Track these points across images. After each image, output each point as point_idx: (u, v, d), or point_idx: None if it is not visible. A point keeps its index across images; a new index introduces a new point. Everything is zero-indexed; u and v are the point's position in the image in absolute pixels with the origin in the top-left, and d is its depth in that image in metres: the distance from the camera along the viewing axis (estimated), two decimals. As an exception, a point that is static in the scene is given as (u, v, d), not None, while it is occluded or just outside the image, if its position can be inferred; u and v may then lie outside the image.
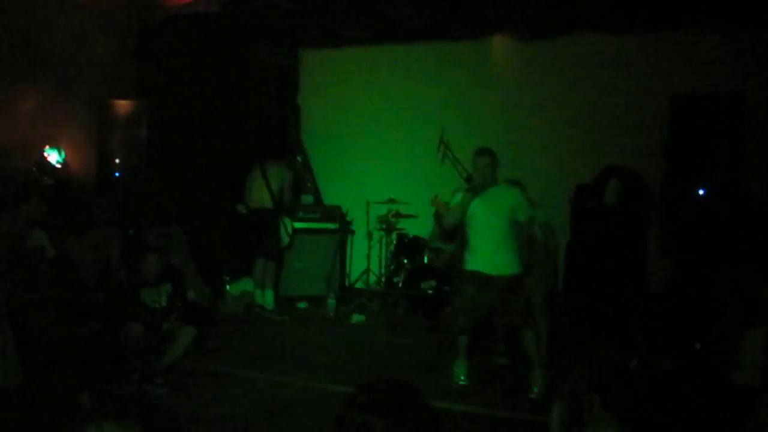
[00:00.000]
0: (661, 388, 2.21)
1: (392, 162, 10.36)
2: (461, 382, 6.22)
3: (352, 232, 10.45)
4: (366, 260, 10.01)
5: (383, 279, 9.87)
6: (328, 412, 4.25)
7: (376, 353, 7.31)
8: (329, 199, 10.71)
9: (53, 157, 7.56)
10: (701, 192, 7.41)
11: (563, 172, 8.94)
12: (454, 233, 6.62)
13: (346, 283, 10.24)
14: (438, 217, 8.10)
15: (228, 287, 9.38)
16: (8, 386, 4.80)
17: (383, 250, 9.89)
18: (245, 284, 9.35)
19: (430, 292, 8.61)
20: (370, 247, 9.97)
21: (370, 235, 9.95)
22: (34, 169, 7.25)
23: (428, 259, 9.14)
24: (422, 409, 2.13)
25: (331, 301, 8.93)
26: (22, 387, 4.89)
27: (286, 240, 9.12)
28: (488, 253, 6.05)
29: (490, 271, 6.01)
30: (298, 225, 9.43)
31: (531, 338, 6.04)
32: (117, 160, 8.47)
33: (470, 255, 6.17)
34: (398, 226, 9.63)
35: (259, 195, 8.89)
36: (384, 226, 9.65)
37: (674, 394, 2.22)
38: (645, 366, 2.25)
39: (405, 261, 9.30)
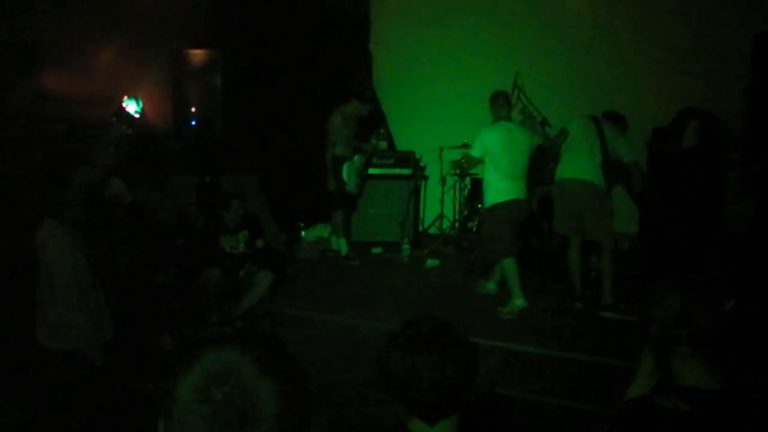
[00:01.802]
0: (757, 333, 2.15)
1: (466, 106, 10.24)
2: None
3: (426, 178, 10.42)
4: (440, 205, 10.02)
5: (457, 224, 9.86)
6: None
7: (450, 297, 7.34)
8: (402, 145, 10.69)
9: (132, 107, 7.68)
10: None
11: (639, 114, 8.74)
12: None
13: (420, 229, 10.25)
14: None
15: (303, 233, 9.51)
16: (104, 341, 4.97)
17: (457, 196, 9.87)
18: (320, 230, 9.47)
19: (505, 236, 8.56)
20: (443, 193, 9.96)
21: (443, 180, 9.92)
22: (114, 119, 7.39)
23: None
24: (465, 344, 2.16)
25: (406, 246, 8.97)
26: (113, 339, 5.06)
27: (348, 186, 8.90)
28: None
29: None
30: (372, 171, 9.46)
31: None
32: (193, 109, 8.60)
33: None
34: (472, 171, 9.57)
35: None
36: (458, 171, 9.61)
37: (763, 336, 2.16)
38: (740, 308, 2.20)
39: (479, 206, 9.24)
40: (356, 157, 8.89)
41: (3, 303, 5.23)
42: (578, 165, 6.70)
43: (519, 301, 6.72)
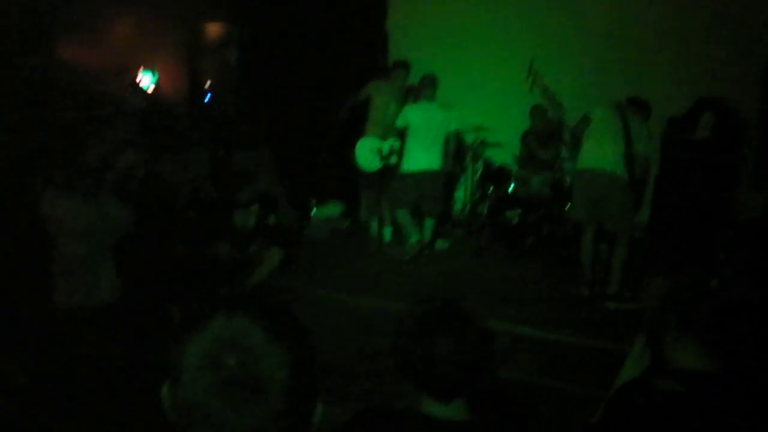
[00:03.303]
0: (744, 315, 2.15)
1: (481, 89, 10.22)
2: None
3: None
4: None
5: (468, 207, 9.85)
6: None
7: (457, 280, 7.37)
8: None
9: (147, 79, 7.71)
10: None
11: (655, 102, 8.70)
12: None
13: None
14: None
15: (314, 211, 9.53)
16: (112, 301, 5.00)
17: (469, 178, 9.86)
18: (331, 208, 9.47)
19: (515, 221, 8.56)
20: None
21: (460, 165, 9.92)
22: (129, 91, 7.42)
23: (514, 188, 9.05)
24: (478, 328, 2.18)
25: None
26: (119, 302, 5.09)
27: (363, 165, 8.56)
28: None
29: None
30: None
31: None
32: (208, 83, 8.62)
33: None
34: (485, 155, 9.56)
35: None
36: (471, 154, 9.60)
37: (759, 322, 2.17)
38: (728, 290, 2.20)
39: (490, 190, 9.23)
40: (391, 139, 8.38)
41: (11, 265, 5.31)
42: (601, 154, 6.64)
43: (413, 238, 8.23)
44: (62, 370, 4.50)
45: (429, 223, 8.23)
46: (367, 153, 8.43)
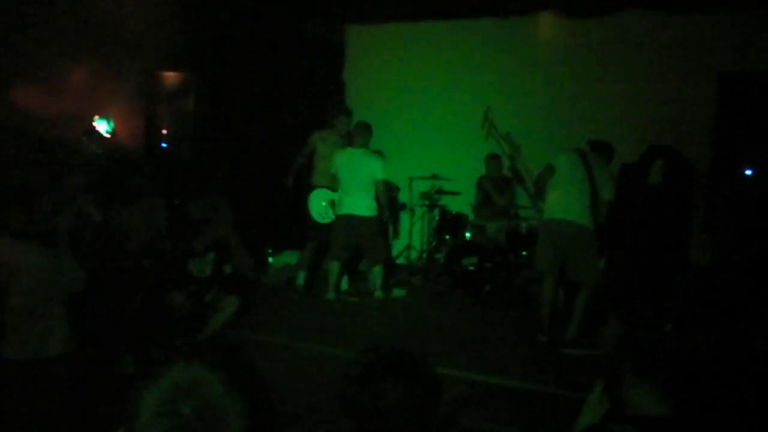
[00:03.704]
0: (699, 360, 2.17)
1: (436, 138, 10.34)
2: None
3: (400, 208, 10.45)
4: (408, 236, 10.05)
5: (425, 255, 9.89)
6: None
7: (415, 327, 7.36)
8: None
9: (102, 126, 7.68)
10: (748, 172, 7.31)
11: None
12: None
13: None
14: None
15: (271, 259, 9.48)
16: (65, 353, 4.91)
17: (425, 226, 9.92)
18: (287, 257, 9.44)
19: (472, 268, 8.60)
20: (412, 223, 10.03)
21: (412, 211, 9.98)
22: (84, 138, 7.36)
23: (471, 236, 9.11)
24: (426, 372, 2.17)
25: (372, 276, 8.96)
26: (73, 353, 5.00)
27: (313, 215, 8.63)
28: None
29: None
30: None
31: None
32: (164, 131, 8.59)
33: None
34: (441, 202, 9.63)
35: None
36: (427, 202, 9.67)
37: (713, 367, 2.19)
38: (682, 334, 2.22)
39: (447, 237, 9.28)
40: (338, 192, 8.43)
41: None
42: (567, 204, 6.65)
43: (330, 295, 8.21)
44: (11, 423, 4.39)
45: (377, 270, 8.27)
46: (320, 206, 8.50)
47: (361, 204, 8.06)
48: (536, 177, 7.05)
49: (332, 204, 8.43)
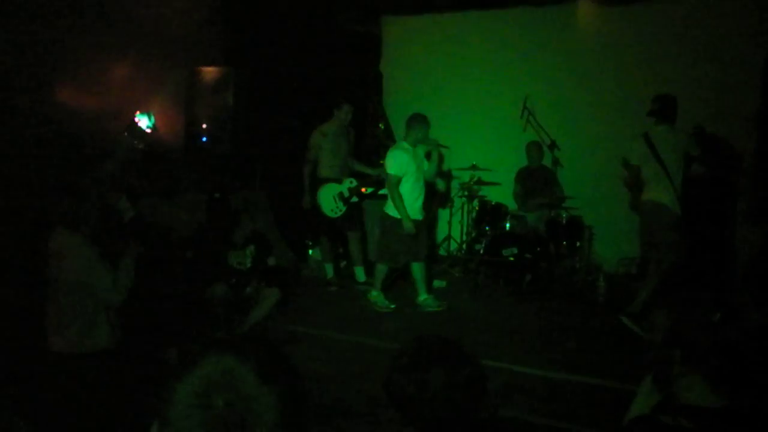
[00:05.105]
0: (750, 349, 2.13)
1: (475, 129, 10.29)
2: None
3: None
4: (447, 227, 10.03)
5: (464, 246, 9.86)
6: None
7: (454, 318, 7.34)
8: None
9: (144, 122, 7.76)
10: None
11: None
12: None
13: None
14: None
15: (310, 251, 9.52)
16: (110, 347, 4.99)
17: (465, 217, 9.88)
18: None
19: (512, 259, 8.56)
20: (451, 215, 9.98)
21: (451, 202, 9.94)
22: (125, 133, 7.45)
23: (510, 226, 9.06)
24: (471, 362, 2.17)
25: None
26: (116, 348, 5.07)
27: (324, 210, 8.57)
28: None
29: None
30: (383, 191, 9.44)
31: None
32: (204, 126, 8.65)
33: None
34: (480, 193, 9.59)
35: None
36: (466, 193, 9.63)
37: (765, 356, 2.14)
38: (732, 321, 2.18)
39: (486, 228, 9.24)
40: (347, 181, 8.53)
41: (10, 307, 5.29)
42: (653, 189, 6.94)
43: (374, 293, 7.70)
44: (59, 416, 4.46)
45: (417, 268, 7.67)
46: (330, 201, 8.49)
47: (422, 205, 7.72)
48: (625, 178, 7.46)
49: (341, 197, 8.46)
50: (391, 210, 7.51)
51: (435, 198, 9.15)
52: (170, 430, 1.21)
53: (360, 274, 8.65)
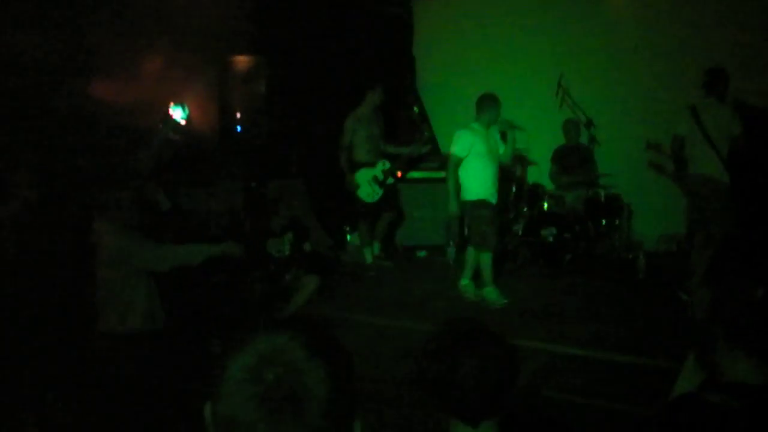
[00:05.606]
0: None
1: (509, 109, 10.16)
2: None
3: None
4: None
5: (503, 226, 9.79)
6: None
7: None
8: (447, 148, 10.65)
9: (178, 113, 7.78)
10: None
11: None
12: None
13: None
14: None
15: (348, 237, 9.54)
16: (146, 329, 5.06)
17: (502, 198, 9.80)
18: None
19: (551, 239, 8.50)
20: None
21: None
22: (160, 125, 7.49)
23: (548, 206, 8.99)
24: (503, 345, 2.15)
25: (451, 249, 8.95)
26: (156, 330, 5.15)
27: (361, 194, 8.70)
28: None
29: None
30: (416, 174, 9.44)
31: None
32: (238, 115, 8.68)
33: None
34: (517, 173, 9.51)
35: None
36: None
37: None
38: None
39: (524, 209, 9.18)
40: (380, 164, 8.66)
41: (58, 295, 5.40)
42: (701, 161, 7.00)
43: (464, 281, 7.48)
44: (100, 393, 4.58)
45: (485, 257, 7.35)
46: (366, 186, 8.56)
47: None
48: (670, 149, 7.43)
49: (376, 180, 8.57)
50: (466, 194, 7.31)
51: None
52: (222, 406, 1.23)
53: (368, 255, 8.79)
